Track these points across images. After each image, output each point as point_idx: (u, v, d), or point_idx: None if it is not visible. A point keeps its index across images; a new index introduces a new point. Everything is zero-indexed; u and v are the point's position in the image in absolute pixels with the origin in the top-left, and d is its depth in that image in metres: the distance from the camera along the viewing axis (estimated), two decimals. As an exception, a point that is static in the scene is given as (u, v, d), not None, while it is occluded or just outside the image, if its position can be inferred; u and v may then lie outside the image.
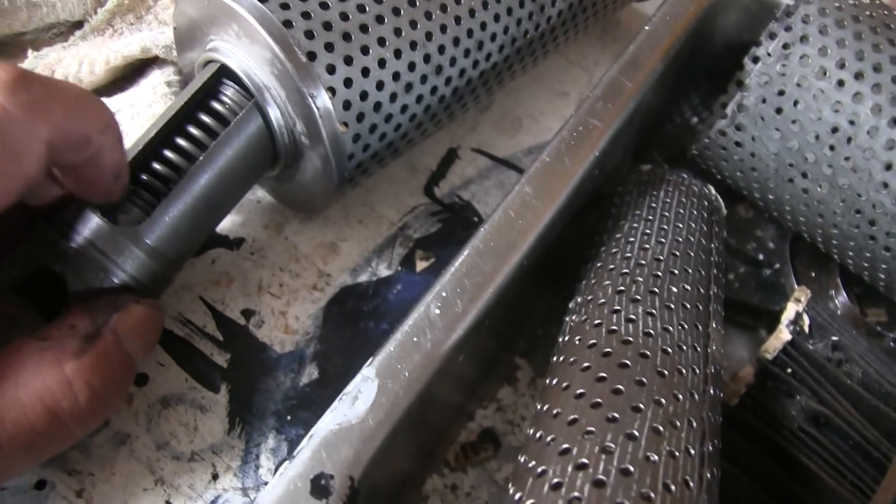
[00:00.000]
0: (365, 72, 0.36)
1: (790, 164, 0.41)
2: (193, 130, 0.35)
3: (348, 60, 0.35)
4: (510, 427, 0.41)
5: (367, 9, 0.36)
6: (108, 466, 0.36)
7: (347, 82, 0.35)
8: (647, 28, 0.42)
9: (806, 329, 0.41)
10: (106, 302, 0.31)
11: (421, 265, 0.44)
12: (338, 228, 0.44)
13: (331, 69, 0.35)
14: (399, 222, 0.45)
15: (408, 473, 0.38)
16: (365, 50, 0.36)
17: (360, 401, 0.29)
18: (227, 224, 0.43)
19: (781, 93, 0.39)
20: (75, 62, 0.43)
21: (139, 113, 0.43)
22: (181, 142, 0.35)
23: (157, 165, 0.34)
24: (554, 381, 0.31)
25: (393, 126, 0.38)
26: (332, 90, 0.35)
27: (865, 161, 0.39)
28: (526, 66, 0.45)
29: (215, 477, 0.37)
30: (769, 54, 0.40)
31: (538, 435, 0.29)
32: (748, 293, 0.48)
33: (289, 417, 0.39)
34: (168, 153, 0.34)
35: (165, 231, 0.33)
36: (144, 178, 0.34)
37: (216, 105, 0.36)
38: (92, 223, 0.31)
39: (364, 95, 0.36)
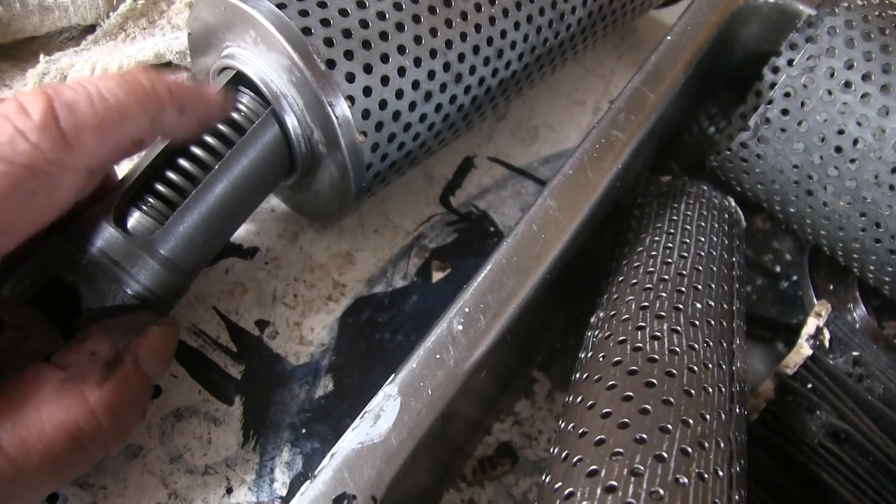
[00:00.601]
0: (384, 80, 0.35)
1: (812, 176, 0.40)
2: (209, 139, 0.35)
3: (368, 69, 0.35)
4: (528, 441, 0.40)
5: (388, 16, 0.35)
6: (121, 479, 0.35)
7: (367, 91, 0.35)
8: (668, 38, 0.42)
9: (826, 344, 0.41)
10: (125, 324, 0.31)
11: (437, 276, 0.44)
12: (353, 238, 0.44)
13: (350, 77, 0.34)
14: (415, 232, 0.45)
15: (425, 489, 0.37)
16: (385, 58, 0.35)
17: (382, 419, 0.28)
18: (241, 233, 0.42)
19: (805, 105, 0.39)
20: (88, 67, 0.43)
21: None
22: (196, 150, 0.34)
23: (171, 174, 0.34)
24: (578, 399, 0.30)
25: (411, 135, 0.38)
26: (351, 99, 0.34)
27: (889, 175, 0.38)
28: (544, 75, 0.45)
29: (229, 491, 0.36)
30: (790, 64, 0.40)
31: (564, 455, 0.28)
32: (766, 306, 0.47)
33: (304, 430, 0.38)
34: (183, 162, 0.34)
35: (179, 241, 0.33)
36: (159, 187, 0.33)
37: (231, 113, 0.35)
38: (105, 233, 0.31)
39: (383, 104, 0.36)
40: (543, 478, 0.28)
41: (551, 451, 0.30)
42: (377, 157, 0.37)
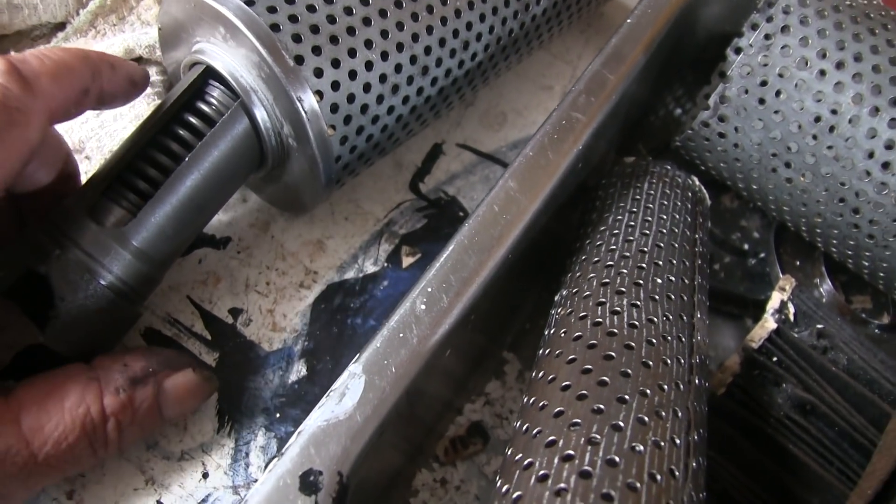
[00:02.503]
0: (352, 74, 0.36)
1: (773, 154, 0.41)
2: (180, 131, 0.35)
3: (335, 63, 0.35)
4: (498, 420, 0.41)
5: (354, 11, 0.36)
6: (99, 467, 0.36)
7: (335, 85, 0.35)
8: (629, 21, 0.42)
9: (791, 317, 0.41)
10: (166, 355, 0.34)
11: (407, 261, 0.44)
12: (324, 226, 0.44)
13: (318, 72, 0.35)
14: (385, 218, 0.45)
15: (397, 468, 0.38)
16: (352, 53, 0.36)
17: (347, 397, 0.29)
18: (214, 223, 0.43)
19: (764, 83, 0.39)
20: (58, 63, 0.43)
21: (122, 114, 0.43)
22: (167, 142, 0.35)
23: (143, 166, 0.34)
24: (540, 375, 0.31)
25: (379, 127, 0.38)
26: (319, 93, 0.35)
27: (848, 150, 0.39)
28: (511, 64, 0.46)
29: (205, 475, 0.37)
30: (751, 45, 0.40)
31: (525, 427, 0.29)
32: (734, 283, 0.48)
33: (278, 415, 0.39)
34: (154, 154, 0.34)
35: (151, 232, 0.33)
36: (131, 178, 0.34)
37: (202, 106, 0.36)
38: (78, 224, 0.31)
39: (351, 98, 0.36)
40: (506, 451, 0.29)
41: (514, 424, 0.30)
42: (346, 149, 0.37)
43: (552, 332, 0.34)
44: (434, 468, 0.39)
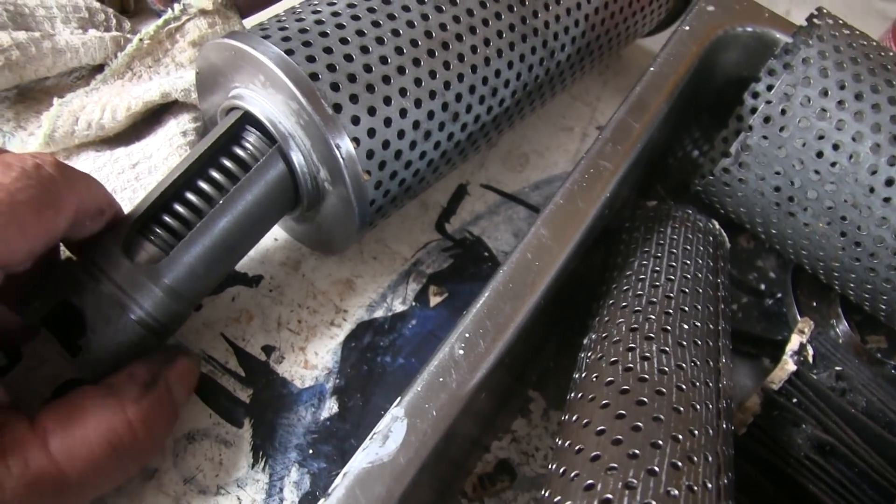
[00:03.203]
0: (387, 122, 0.37)
1: (792, 199, 0.42)
2: (215, 174, 0.36)
3: (372, 111, 0.36)
4: (525, 457, 0.42)
5: (390, 60, 0.37)
6: (137, 500, 0.37)
7: (371, 132, 0.37)
8: (651, 69, 0.44)
9: (810, 359, 0.42)
10: (159, 354, 0.35)
11: (434, 300, 0.45)
12: (353, 265, 0.46)
13: (355, 120, 0.36)
14: (412, 258, 0.47)
15: (428, 506, 0.39)
16: (387, 101, 0.37)
17: (390, 440, 0.30)
18: (246, 261, 0.44)
19: (784, 132, 0.41)
20: (98, 109, 0.45)
21: (156, 166, 0.44)
22: (203, 185, 0.36)
23: (178, 207, 0.36)
24: (574, 418, 0.32)
25: (412, 172, 0.40)
26: (356, 140, 0.36)
27: (866, 197, 0.40)
28: (535, 107, 0.47)
29: (241, 511, 0.38)
30: (769, 90, 0.42)
31: (561, 470, 0.30)
32: (751, 323, 0.49)
33: (311, 451, 0.40)
34: (189, 195, 0.36)
35: (183, 271, 0.35)
36: (166, 218, 0.35)
37: (238, 150, 0.37)
38: (113, 260, 0.33)
39: (386, 144, 0.37)
40: (542, 492, 0.30)
41: (549, 466, 0.31)
42: (380, 193, 0.39)
43: (583, 375, 0.35)
44: (462, 505, 0.40)
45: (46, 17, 0.46)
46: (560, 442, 0.32)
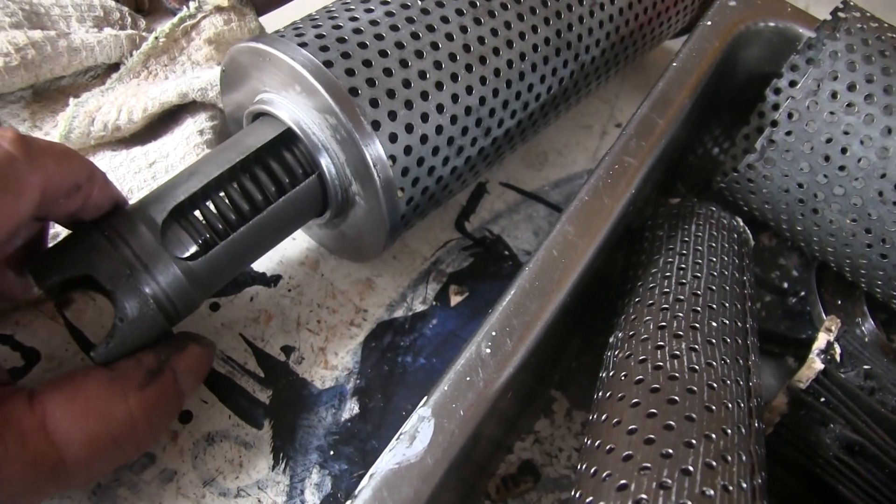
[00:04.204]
0: (423, 139, 0.36)
1: (818, 195, 0.41)
2: (251, 180, 0.36)
3: (409, 129, 0.36)
4: (548, 458, 0.41)
5: (428, 76, 0.36)
6: (157, 503, 0.36)
7: (407, 150, 0.36)
8: (674, 64, 0.43)
9: (837, 358, 0.42)
10: (169, 341, 0.34)
11: (455, 300, 0.45)
12: (372, 265, 0.45)
13: (393, 138, 0.35)
14: (432, 257, 0.46)
15: (452, 508, 0.38)
16: (425, 118, 0.36)
17: (418, 440, 0.30)
18: (264, 261, 0.44)
19: (810, 127, 0.40)
20: (114, 109, 0.44)
21: (173, 166, 0.44)
22: (248, 184, 0.36)
23: (217, 201, 0.35)
24: (603, 417, 0.32)
25: (442, 186, 0.39)
26: (392, 158, 0.35)
27: (894, 192, 0.40)
28: (560, 114, 0.46)
29: (262, 513, 0.37)
30: (792, 85, 0.41)
31: (592, 471, 0.29)
32: (775, 322, 0.48)
33: (332, 452, 0.39)
34: (230, 190, 0.36)
35: (215, 270, 0.35)
36: (204, 210, 0.35)
37: (279, 156, 0.37)
38: (150, 251, 0.32)
39: (420, 161, 0.37)
40: (573, 493, 0.29)
41: (578, 467, 0.31)
42: (411, 208, 0.38)
43: (611, 374, 0.34)
44: (486, 507, 0.39)
45: (62, 16, 0.46)
46: (588, 442, 0.31)
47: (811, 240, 0.44)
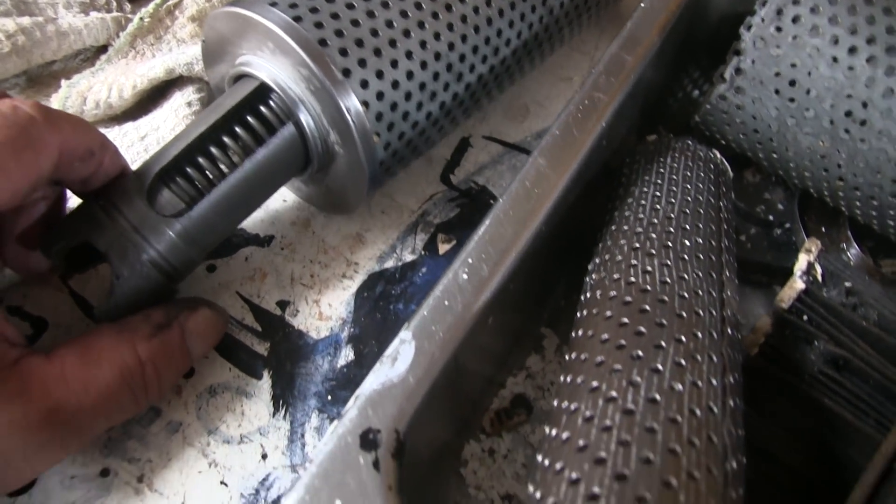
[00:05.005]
0: (395, 84, 0.38)
1: (790, 121, 0.42)
2: (236, 130, 0.38)
3: (380, 75, 0.37)
4: (540, 392, 0.42)
5: (395, 24, 0.38)
6: (165, 453, 0.38)
7: (379, 95, 0.37)
8: (643, 5, 0.44)
9: (819, 278, 0.42)
10: (182, 301, 0.37)
11: (443, 248, 0.46)
12: (362, 220, 0.46)
13: (364, 84, 0.37)
14: (419, 210, 0.47)
15: (446, 443, 0.39)
16: (394, 64, 0.38)
17: (399, 361, 0.31)
18: (257, 222, 0.45)
19: (776, 53, 0.41)
20: (105, 88, 0.46)
21: (164, 137, 0.46)
22: (224, 140, 0.37)
23: (201, 160, 0.37)
24: (580, 333, 0.33)
25: (418, 131, 0.41)
26: (365, 104, 0.37)
27: (865, 111, 0.40)
28: (534, 62, 0.48)
29: (264, 457, 0.39)
30: (762, 18, 0.42)
31: (569, 379, 0.30)
32: (761, 253, 0.49)
33: (329, 397, 0.40)
34: (213, 149, 0.37)
35: (202, 224, 0.36)
36: (188, 170, 0.37)
37: (254, 115, 0.38)
38: (138, 211, 0.34)
39: (394, 106, 0.38)
40: (553, 402, 0.31)
41: (559, 379, 0.32)
42: (388, 154, 0.40)
43: (588, 296, 0.35)
44: (481, 439, 0.40)
45: (49, 4, 0.48)
46: (568, 357, 0.33)
47: (788, 167, 0.45)
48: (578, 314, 0.35)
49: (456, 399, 0.38)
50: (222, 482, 0.38)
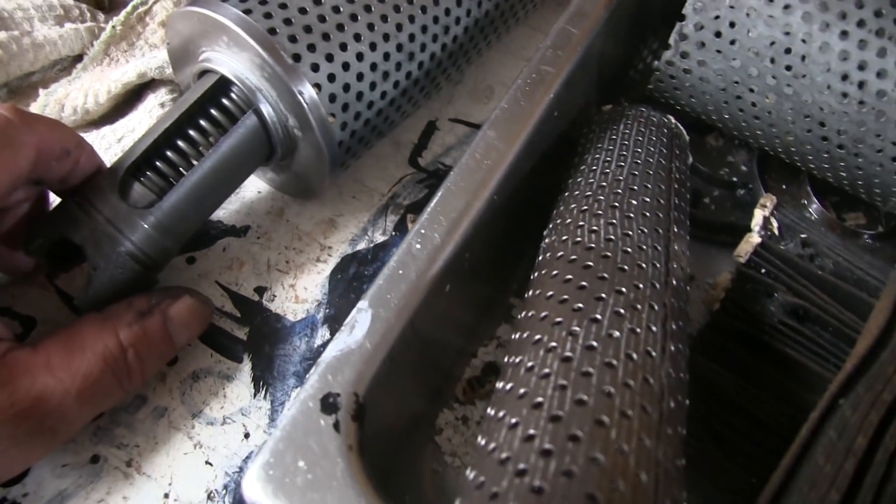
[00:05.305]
0: (345, 66, 0.40)
1: (736, 81, 0.44)
2: (201, 124, 0.40)
3: (329, 58, 0.39)
4: (512, 360, 0.44)
5: (342, 9, 0.40)
6: (152, 437, 0.40)
7: (331, 77, 0.39)
8: (590, -20, 0.46)
9: (776, 231, 0.44)
10: (165, 289, 0.39)
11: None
12: (333, 206, 0.48)
13: (315, 67, 0.39)
14: (389, 193, 0.49)
15: (419, 412, 0.41)
16: (343, 47, 0.40)
17: (357, 329, 0.32)
18: (233, 213, 0.47)
19: (717, 16, 0.42)
20: (81, 95, 0.48)
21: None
22: (190, 133, 0.39)
23: (169, 154, 0.39)
24: (530, 293, 0.34)
25: (375, 111, 0.42)
26: (317, 86, 0.39)
27: (805, 66, 0.42)
28: (490, 42, 0.49)
29: (247, 436, 0.40)
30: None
31: (517, 336, 0.32)
32: (725, 213, 0.50)
33: (307, 376, 0.42)
34: (179, 142, 0.39)
35: (173, 213, 0.38)
36: (157, 164, 0.39)
37: (218, 106, 0.40)
38: (110, 203, 0.36)
39: (347, 87, 0.40)
40: (505, 359, 0.32)
41: (511, 337, 0.33)
42: (346, 133, 0.41)
43: (540, 258, 0.37)
44: (455, 408, 0.42)
45: (24, 18, 0.50)
46: (519, 316, 0.34)
47: (741, 126, 0.46)
48: (532, 277, 0.36)
49: (425, 369, 0.40)
50: (207, 462, 0.39)
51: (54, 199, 0.39)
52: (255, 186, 0.48)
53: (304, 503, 0.29)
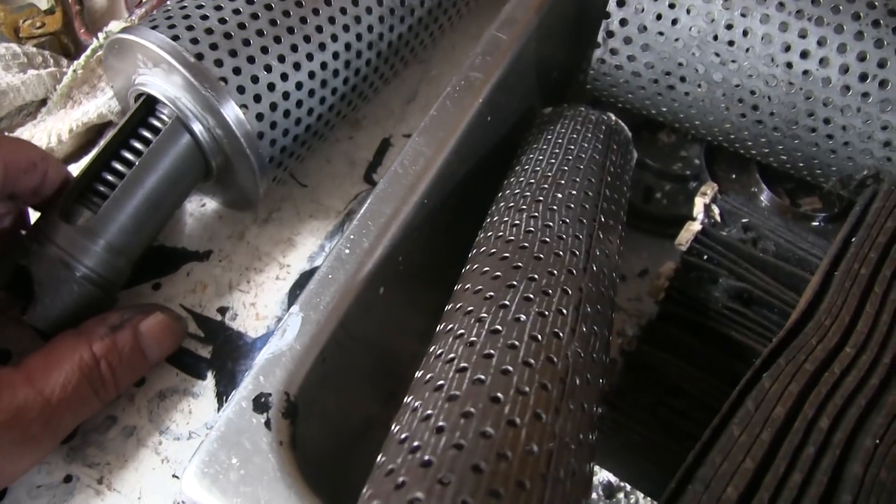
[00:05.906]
0: (271, 87, 0.42)
1: (667, 73, 0.45)
2: (136, 144, 0.42)
3: (255, 79, 0.41)
4: (467, 361, 0.45)
5: (266, 32, 0.42)
6: (121, 455, 0.41)
7: (257, 98, 0.42)
8: (520, -12, 0.47)
9: (717, 218, 0.44)
10: (138, 306, 0.42)
11: (369, 240, 0.49)
12: (291, 225, 0.50)
13: (241, 89, 0.41)
14: (345, 210, 0.51)
15: (374, 416, 0.42)
16: (268, 68, 0.42)
17: (288, 332, 0.34)
18: (195, 239, 0.49)
19: (639, 10, 0.44)
20: (45, 135, 0.50)
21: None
22: (126, 154, 0.42)
23: (107, 176, 0.41)
24: (457, 287, 0.35)
25: (303, 127, 0.45)
26: (244, 107, 0.41)
27: (731, 52, 0.43)
28: (416, 53, 0.51)
29: (211, 448, 0.42)
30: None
31: (440, 327, 0.33)
32: (677, 207, 0.51)
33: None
34: (116, 165, 0.41)
35: (112, 226, 0.40)
36: (97, 186, 0.41)
37: (151, 125, 0.43)
38: (52, 225, 0.39)
39: (273, 106, 0.42)
40: (429, 349, 0.33)
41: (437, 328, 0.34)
42: (276, 150, 0.44)
43: (470, 254, 0.38)
44: (410, 409, 0.43)
45: (-8, 69, 0.53)
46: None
47: (680, 118, 0.47)
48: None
49: (376, 372, 0.41)
50: (174, 475, 0.41)
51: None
52: (216, 212, 0.50)
53: (237, 497, 0.30)
